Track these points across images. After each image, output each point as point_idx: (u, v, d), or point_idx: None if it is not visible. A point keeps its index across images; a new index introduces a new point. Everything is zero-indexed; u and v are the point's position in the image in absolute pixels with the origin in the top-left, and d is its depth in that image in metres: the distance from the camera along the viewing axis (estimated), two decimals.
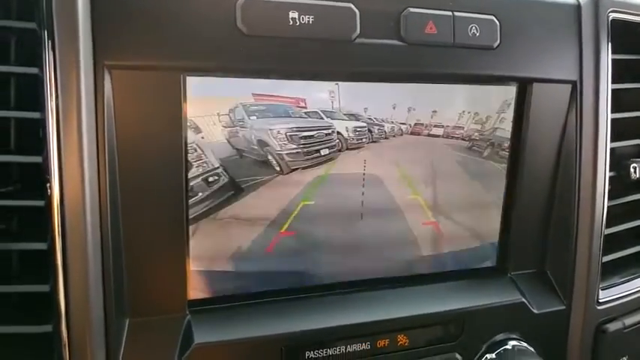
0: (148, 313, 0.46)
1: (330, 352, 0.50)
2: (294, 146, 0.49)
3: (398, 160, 0.53)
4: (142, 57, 0.42)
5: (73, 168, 0.40)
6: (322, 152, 0.50)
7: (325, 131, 0.50)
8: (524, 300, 0.57)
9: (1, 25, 0.41)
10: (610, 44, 0.57)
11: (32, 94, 0.41)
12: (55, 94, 0.40)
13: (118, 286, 0.44)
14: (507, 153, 0.57)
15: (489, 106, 0.55)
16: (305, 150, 0.50)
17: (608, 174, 0.58)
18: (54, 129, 0.40)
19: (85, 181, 0.41)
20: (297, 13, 0.45)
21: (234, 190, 0.48)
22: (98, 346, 0.42)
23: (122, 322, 0.45)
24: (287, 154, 0.49)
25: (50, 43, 0.39)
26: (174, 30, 0.42)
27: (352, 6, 0.47)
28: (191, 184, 0.47)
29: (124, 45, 0.42)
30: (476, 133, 0.55)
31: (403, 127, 0.53)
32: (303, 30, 0.45)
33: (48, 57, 0.40)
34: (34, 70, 0.40)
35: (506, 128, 0.56)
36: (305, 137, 0.50)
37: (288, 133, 0.49)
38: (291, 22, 0.45)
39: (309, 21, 0.45)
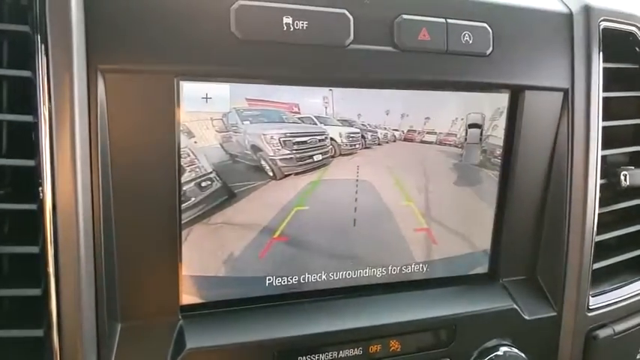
0: (140, 318, 0.46)
1: (322, 357, 0.50)
2: (288, 152, 0.50)
3: (391, 167, 0.53)
4: (136, 61, 0.42)
5: (66, 172, 0.40)
6: (315, 158, 0.51)
7: (318, 137, 0.50)
8: (515, 306, 0.57)
9: None
10: (601, 52, 0.58)
11: (25, 97, 0.40)
12: (47, 98, 0.39)
13: (110, 291, 0.44)
14: (499, 160, 0.57)
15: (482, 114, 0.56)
16: (298, 155, 0.50)
17: (599, 181, 0.59)
18: (47, 132, 0.40)
19: (78, 185, 0.41)
20: (291, 19, 0.45)
21: (227, 195, 0.48)
22: (89, 350, 0.42)
23: (114, 327, 0.45)
24: (280, 159, 0.49)
25: (43, 46, 0.39)
26: (169, 34, 0.42)
27: (346, 12, 0.47)
28: (184, 188, 0.47)
29: (117, 48, 0.42)
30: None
31: (396, 133, 0.53)
32: (297, 35, 0.46)
33: (41, 60, 0.39)
34: (26, 73, 0.40)
35: (498, 135, 0.57)
36: (298, 143, 0.50)
37: (281, 139, 0.49)
38: (285, 28, 0.45)
39: (303, 26, 0.46)
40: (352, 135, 0.51)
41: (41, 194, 0.40)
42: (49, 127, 0.40)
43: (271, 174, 0.49)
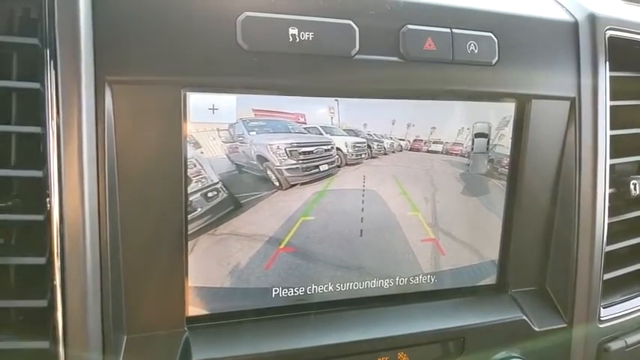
0: (146, 330, 0.46)
1: None
2: (294, 162, 0.49)
3: (397, 176, 0.53)
4: (143, 72, 0.43)
5: (73, 183, 0.40)
6: (321, 168, 0.51)
7: (324, 147, 0.50)
8: (524, 317, 0.57)
9: (4, 41, 0.41)
10: (608, 61, 0.57)
11: (33, 109, 0.41)
12: (56, 109, 0.40)
13: (116, 302, 0.44)
14: (506, 170, 0.57)
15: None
16: (304, 165, 0.50)
17: (608, 191, 0.58)
18: (54, 144, 0.40)
19: (85, 196, 0.41)
20: (296, 30, 0.45)
21: (234, 205, 0.48)
22: None
23: (120, 339, 0.45)
24: (286, 169, 0.49)
25: (52, 59, 0.40)
26: (175, 45, 0.43)
27: (351, 23, 0.47)
28: (190, 199, 0.47)
29: (125, 60, 0.42)
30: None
31: (402, 143, 0.53)
32: (302, 46, 0.46)
33: (49, 72, 0.40)
34: (35, 85, 0.40)
35: (505, 145, 0.56)
36: (304, 153, 0.50)
37: (287, 149, 0.49)
38: (291, 39, 0.45)
39: (308, 37, 0.46)
40: (358, 145, 0.51)
41: (48, 205, 0.40)
42: (57, 138, 0.40)
43: (277, 184, 0.49)
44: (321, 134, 0.50)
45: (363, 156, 0.52)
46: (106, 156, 0.42)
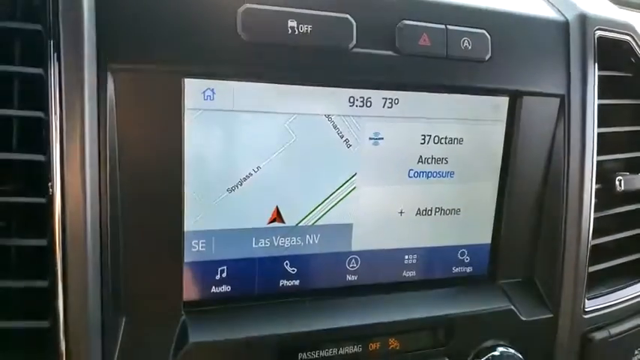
0: (144, 312, 0.46)
1: (323, 353, 0.51)
2: None
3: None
4: (145, 60, 0.43)
5: (75, 167, 0.41)
6: None
7: None
8: (512, 307, 0.58)
9: (7, 27, 0.42)
10: (596, 61, 0.59)
11: (36, 94, 0.41)
12: (58, 94, 0.40)
13: (116, 285, 0.45)
14: (498, 163, 0.58)
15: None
16: None
17: (594, 186, 0.60)
18: (57, 128, 0.40)
19: (86, 180, 0.41)
20: (295, 22, 0.47)
21: None
22: (95, 342, 0.43)
23: (119, 320, 0.45)
24: None
25: (55, 45, 0.40)
26: (177, 35, 0.44)
27: (349, 17, 0.48)
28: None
29: (127, 48, 0.43)
30: None
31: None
32: (301, 38, 0.47)
33: (52, 58, 0.40)
34: (38, 71, 0.41)
35: (497, 139, 0.57)
36: None
37: None
38: (290, 31, 0.46)
39: (307, 30, 0.47)
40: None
41: (50, 189, 0.41)
42: (59, 123, 0.40)
43: None
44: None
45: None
46: (107, 141, 0.43)
